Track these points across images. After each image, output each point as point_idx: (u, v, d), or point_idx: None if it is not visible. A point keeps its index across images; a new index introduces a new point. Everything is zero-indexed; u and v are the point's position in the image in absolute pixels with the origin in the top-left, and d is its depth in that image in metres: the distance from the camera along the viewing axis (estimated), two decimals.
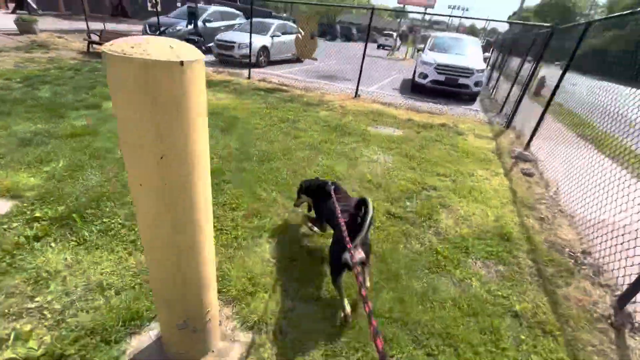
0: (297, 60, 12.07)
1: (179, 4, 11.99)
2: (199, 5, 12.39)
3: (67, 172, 2.85)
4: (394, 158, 4.11)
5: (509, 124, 6.47)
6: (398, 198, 3.11)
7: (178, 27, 10.90)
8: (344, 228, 1.48)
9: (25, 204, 2.36)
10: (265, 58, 10.77)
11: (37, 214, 2.25)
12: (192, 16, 9.90)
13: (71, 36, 11.63)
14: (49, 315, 1.61)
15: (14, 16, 11.89)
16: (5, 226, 2.13)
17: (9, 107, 4.36)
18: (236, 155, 3.66)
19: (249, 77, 8.51)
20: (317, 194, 2.22)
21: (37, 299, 1.67)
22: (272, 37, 10.88)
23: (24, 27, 10.93)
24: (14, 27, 11.12)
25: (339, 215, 1.66)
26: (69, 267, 1.89)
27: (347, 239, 1.39)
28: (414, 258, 2.30)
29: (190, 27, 10.75)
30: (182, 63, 0.80)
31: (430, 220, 2.82)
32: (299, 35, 8.27)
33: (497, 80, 10.86)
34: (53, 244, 2.04)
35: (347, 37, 32.06)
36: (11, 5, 14.72)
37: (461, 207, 3.11)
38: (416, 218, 2.82)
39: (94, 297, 1.72)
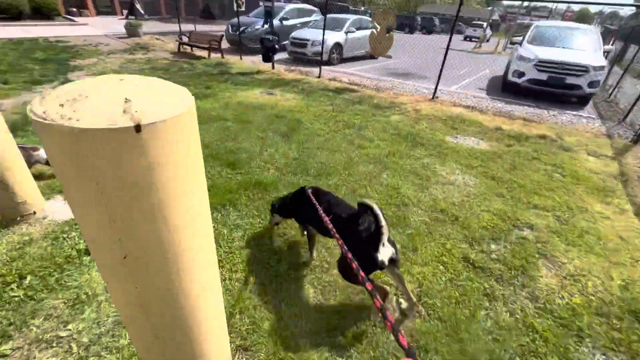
0: (371, 56, 11.49)
1: (261, 3, 12.39)
2: (277, 3, 12.63)
3: None
4: (477, 180, 3.40)
5: (639, 138, 5.02)
6: (480, 238, 2.48)
7: (256, 27, 11.24)
8: (333, 231, 1.33)
9: None
10: (337, 55, 10.45)
11: None
12: (269, 15, 10.06)
13: (167, 38, 12.93)
14: (75, 349, 1.53)
15: (125, 21, 13.69)
16: (65, 235, 2.20)
17: None
18: (293, 166, 3.41)
19: (319, 76, 8.29)
20: (296, 205, 2.05)
21: (69, 327, 1.62)
22: (346, 33, 10.48)
23: (131, 31, 12.49)
24: (124, 31, 12.81)
25: (322, 214, 1.55)
26: (107, 291, 1.82)
27: (344, 248, 1.20)
28: (500, 336, 1.72)
29: (267, 26, 10.98)
30: (138, 128, 0.48)
31: (525, 276, 2.16)
32: (374, 30, 7.72)
33: (621, 77, 8.73)
34: None
35: (428, 30, 29.84)
36: (125, 12, 17.10)
37: (569, 259, 2.35)
38: (504, 271, 2.19)
39: (120, 333, 1.60)
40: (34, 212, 2.25)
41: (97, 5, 17.35)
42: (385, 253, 1.50)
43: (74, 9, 16.09)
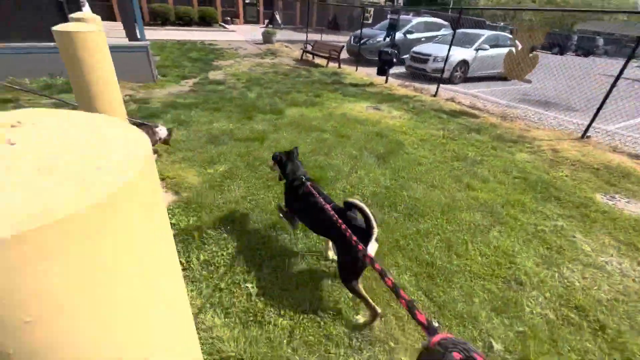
0: (502, 78, 10.00)
1: (387, 16, 12.23)
2: (404, 16, 12.25)
3: (220, 178, 3.02)
4: None
5: None
6: None
7: (378, 39, 11.09)
8: (348, 232, 1.13)
9: (172, 207, 2.56)
10: (461, 74, 9.40)
11: (173, 221, 2.36)
12: (392, 28, 9.80)
13: (294, 46, 14.00)
14: None
15: (264, 29, 15.44)
16: None
17: (222, 104, 5.34)
18: (381, 197, 2.99)
19: (434, 95, 7.55)
20: (292, 185, 2.02)
21: None
22: (476, 50, 9.35)
23: (267, 38, 13.97)
24: (261, 38, 14.43)
25: (339, 221, 1.31)
26: None
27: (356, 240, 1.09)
28: None
29: (389, 39, 10.71)
30: None
31: None
32: (513, 49, 6.58)
33: None
34: None
35: (587, 51, 24.66)
36: (266, 22, 19.43)
37: None
38: None
39: None
40: None
41: (246, 15, 20.25)
42: (372, 250, 1.54)
43: (228, 18, 19.15)
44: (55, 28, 1.73)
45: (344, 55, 11.12)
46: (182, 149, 3.58)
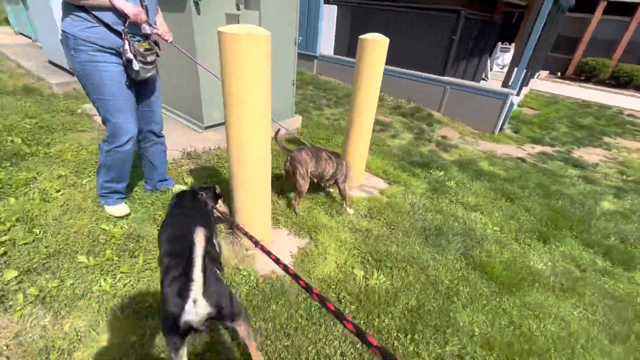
0: None
1: None
2: None
3: (353, 297, 1.83)
4: None
5: None
6: None
7: None
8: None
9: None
10: None
11: None
12: None
13: None
14: None
15: None
16: None
17: (527, 194, 3.45)
18: None
19: None
20: None
21: None
22: None
23: None
24: None
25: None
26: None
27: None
28: None
29: None
30: None
31: None
32: None
33: None
34: None
35: None
36: None
37: None
38: None
39: None
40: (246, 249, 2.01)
41: None
42: (196, 312, 0.99)
43: None
44: (220, 29, 1.47)
45: None
46: (383, 221, 2.59)
